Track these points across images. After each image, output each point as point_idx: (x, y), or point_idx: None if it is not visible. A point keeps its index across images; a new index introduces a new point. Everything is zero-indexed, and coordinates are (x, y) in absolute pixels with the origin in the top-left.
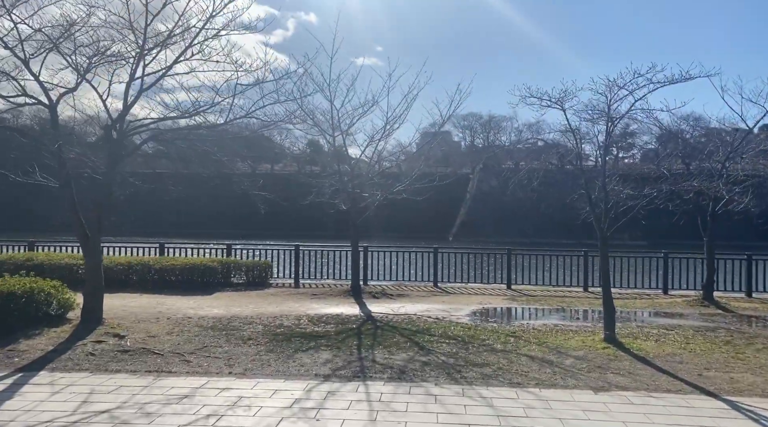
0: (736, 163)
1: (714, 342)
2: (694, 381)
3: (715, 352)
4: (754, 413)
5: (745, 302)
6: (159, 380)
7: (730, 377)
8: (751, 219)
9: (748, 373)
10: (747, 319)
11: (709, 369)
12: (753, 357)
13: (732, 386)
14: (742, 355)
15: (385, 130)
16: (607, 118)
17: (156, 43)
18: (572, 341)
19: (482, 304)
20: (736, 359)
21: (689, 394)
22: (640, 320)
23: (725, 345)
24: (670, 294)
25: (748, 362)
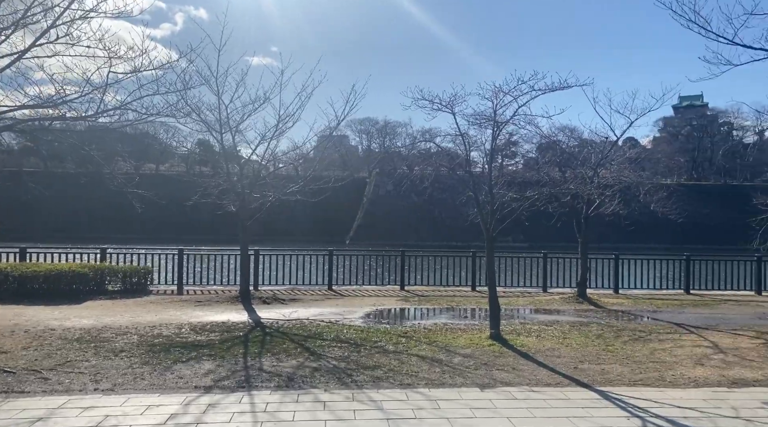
0: (606, 169)
1: (587, 336)
2: (571, 374)
3: (589, 345)
4: (621, 401)
5: (613, 298)
6: (7, 402)
7: (602, 369)
8: (619, 222)
9: (617, 364)
10: (615, 314)
11: (584, 362)
12: (621, 349)
13: (603, 377)
14: (611, 347)
15: (278, 128)
16: (494, 124)
17: (13, 22)
18: (460, 339)
19: (376, 306)
20: (606, 351)
21: (566, 386)
22: (522, 317)
23: (597, 339)
24: (549, 292)
25: (617, 353)
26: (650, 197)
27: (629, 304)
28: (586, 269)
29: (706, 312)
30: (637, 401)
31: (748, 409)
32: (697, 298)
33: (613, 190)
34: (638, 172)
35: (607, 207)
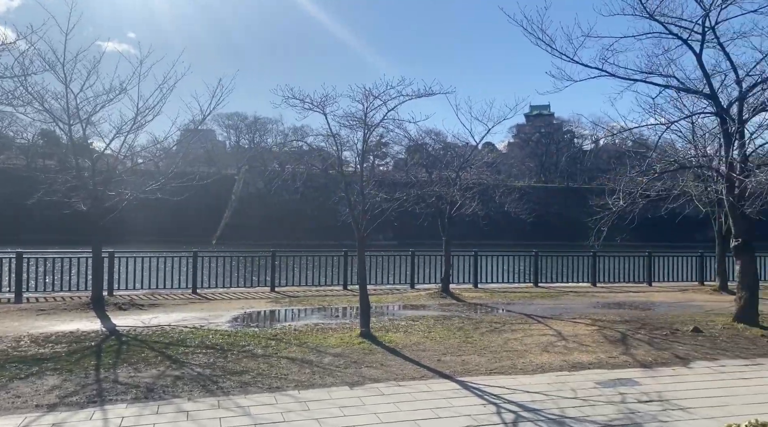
0: (467, 172)
1: (450, 329)
2: (434, 366)
3: (451, 338)
4: (479, 390)
5: (473, 292)
6: None
7: (462, 360)
8: (478, 221)
9: (475, 355)
10: (474, 307)
11: (446, 354)
12: (479, 340)
13: (463, 368)
14: (471, 339)
15: (136, 121)
16: (364, 126)
17: None
18: (331, 338)
19: (245, 308)
20: (466, 343)
21: (430, 379)
22: (392, 313)
23: (458, 331)
24: (416, 288)
25: (476, 344)
26: (505, 198)
27: (487, 297)
28: (449, 266)
29: (551, 303)
30: (492, 388)
31: (585, 390)
32: (544, 290)
33: (473, 192)
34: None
35: (468, 208)
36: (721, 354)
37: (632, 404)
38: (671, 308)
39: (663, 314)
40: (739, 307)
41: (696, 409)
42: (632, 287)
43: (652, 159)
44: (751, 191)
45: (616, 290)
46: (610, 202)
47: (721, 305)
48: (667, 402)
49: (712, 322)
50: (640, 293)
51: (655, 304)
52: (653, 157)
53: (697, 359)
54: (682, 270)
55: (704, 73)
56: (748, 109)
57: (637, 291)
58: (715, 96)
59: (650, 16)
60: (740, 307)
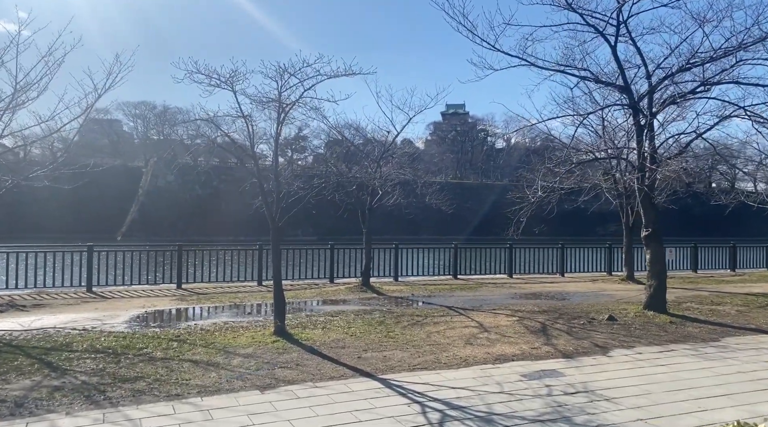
0: (388, 163)
1: (371, 324)
2: (354, 364)
3: (372, 333)
4: (402, 388)
5: (394, 285)
6: None
7: (384, 356)
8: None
9: (398, 350)
10: (395, 300)
11: (367, 350)
12: (401, 334)
13: (385, 364)
14: (392, 333)
15: (14, 98)
16: (279, 105)
17: None
18: (242, 338)
19: (146, 307)
20: (388, 338)
21: (350, 378)
22: (309, 309)
23: (379, 326)
24: (335, 282)
25: (398, 339)
26: (426, 190)
27: (408, 290)
28: (370, 259)
29: (471, 295)
30: (416, 386)
31: (510, 383)
32: (463, 282)
33: (393, 183)
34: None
35: (389, 198)
36: (636, 341)
37: (559, 396)
38: (585, 297)
39: (578, 303)
40: (648, 295)
41: (621, 399)
42: (546, 278)
43: (568, 152)
44: (660, 181)
45: (532, 280)
46: (529, 194)
47: (630, 293)
48: (593, 393)
49: (625, 310)
50: (554, 284)
51: (569, 294)
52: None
53: (615, 348)
54: (591, 261)
55: (618, 65)
56: (657, 103)
57: (551, 282)
58: (628, 88)
59: (568, 6)
60: (650, 295)
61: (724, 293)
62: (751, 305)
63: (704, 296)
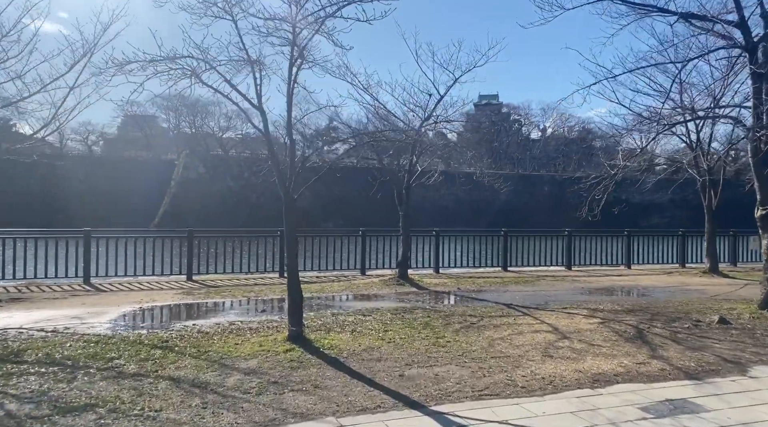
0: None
1: (413, 326)
2: (395, 387)
3: (416, 339)
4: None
5: (435, 278)
6: None
7: (435, 375)
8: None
9: (452, 364)
10: (439, 296)
11: (411, 365)
12: (454, 341)
13: (439, 388)
14: (442, 340)
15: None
16: (293, 34)
17: None
18: (247, 344)
19: (143, 303)
20: (437, 346)
21: (390, 410)
22: (337, 306)
23: (424, 329)
24: (368, 275)
25: (450, 349)
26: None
27: (452, 284)
28: (408, 247)
29: (530, 289)
30: (490, 426)
31: (630, 423)
32: (515, 275)
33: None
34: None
35: (430, 177)
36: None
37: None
38: (670, 293)
39: (666, 301)
40: (766, 292)
41: None
42: (611, 270)
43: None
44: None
45: (595, 273)
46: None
47: (721, 288)
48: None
49: (732, 310)
50: (623, 277)
51: (648, 289)
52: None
53: (754, 364)
54: (660, 252)
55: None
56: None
57: (619, 275)
58: (744, 24)
59: None
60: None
61: None
62: None
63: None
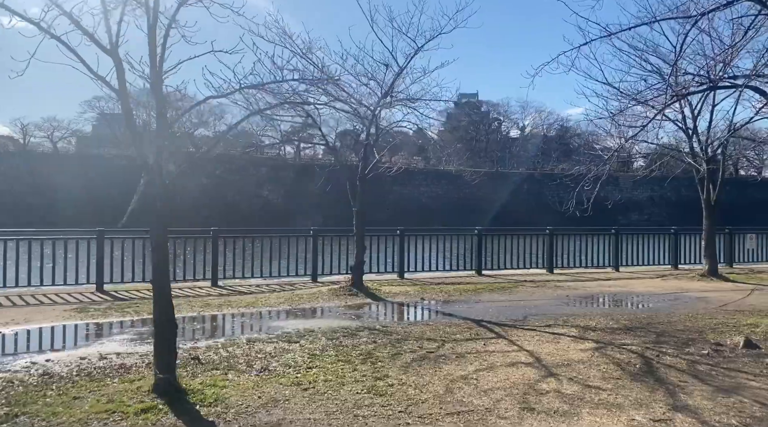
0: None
1: (349, 358)
2: None
3: (346, 382)
4: None
5: (397, 284)
6: None
7: None
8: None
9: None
10: (397, 309)
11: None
12: (398, 384)
13: None
14: (383, 382)
15: None
16: None
17: None
18: (93, 398)
19: (8, 325)
20: (374, 393)
21: None
22: (263, 326)
23: (363, 363)
24: (319, 281)
25: (391, 398)
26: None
27: (416, 292)
28: (363, 249)
29: (505, 299)
30: None
31: None
32: (491, 279)
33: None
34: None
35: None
36: None
37: None
38: (670, 303)
39: (669, 313)
40: None
41: None
42: (597, 273)
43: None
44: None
45: (579, 276)
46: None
47: (729, 296)
48: None
49: (755, 327)
50: (612, 281)
51: (642, 297)
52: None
53: None
54: (649, 252)
55: None
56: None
57: (607, 279)
58: None
59: None
60: None
61: None
62: None
63: None
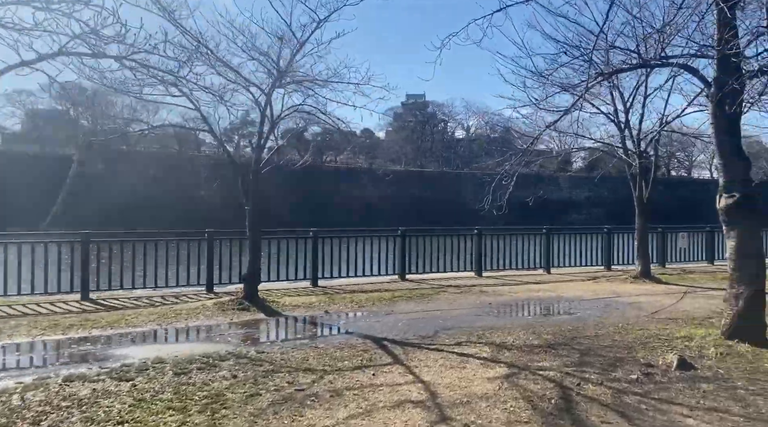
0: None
1: (186, 405)
2: None
3: None
4: None
5: (305, 294)
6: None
7: None
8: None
9: None
10: (291, 326)
11: None
12: None
13: None
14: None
15: None
16: None
17: None
18: None
19: None
20: None
21: None
22: (95, 357)
23: (202, 412)
24: (216, 292)
25: None
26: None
27: (323, 303)
28: (257, 255)
29: (421, 309)
30: None
31: None
32: (413, 285)
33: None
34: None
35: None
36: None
37: None
38: (600, 310)
39: (597, 324)
40: (735, 313)
41: None
42: (528, 276)
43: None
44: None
45: (509, 279)
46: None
47: (661, 300)
48: None
49: (690, 340)
50: (542, 285)
51: (572, 303)
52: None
53: None
54: (583, 252)
55: None
56: None
57: (537, 282)
58: None
59: None
60: (737, 313)
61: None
62: None
63: None
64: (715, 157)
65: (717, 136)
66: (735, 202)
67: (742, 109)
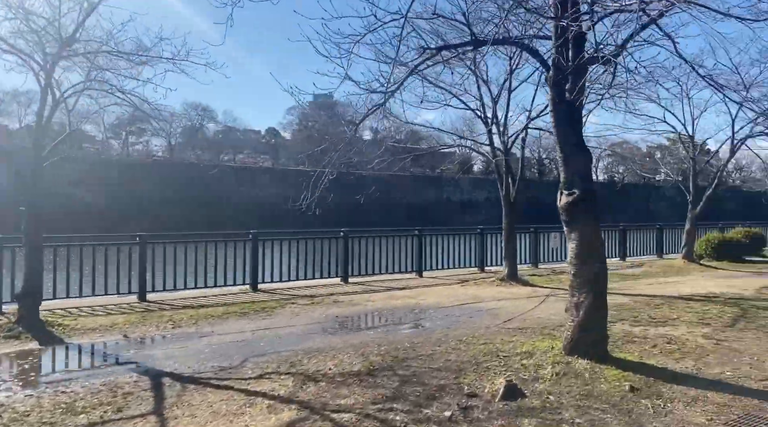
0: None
1: None
2: None
3: None
4: None
5: (116, 313)
6: None
7: None
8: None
9: None
10: (63, 359)
11: None
12: None
13: None
14: None
15: None
16: None
17: None
18: None
19: None
20: None
21: None
22: None
23: None
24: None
25: None
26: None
27: (127, 324)
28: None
29: (252, 328)
30: None
31: None
32: (264, 296)
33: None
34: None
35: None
36: None
37: None
38: (453, 320)
39: (439, 339)
40: (576, 324)
41: None
42: (397, 281)
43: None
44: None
45: (376, 286)
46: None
47: (520, 305)
48: None
49: (530, 357)
50: (407, 291)
51: (427, 312)
52: None
53: None
54: (459, 254)
55: None
56: None
57: (403, 287)
58: None
59: None
60: (579, 323)
61: (647, 297)
62: (711, 322)
63: (627, 304)
64: (555, 149)
65: (556, 127)
66: (575, 199)
67: (584, 97)
